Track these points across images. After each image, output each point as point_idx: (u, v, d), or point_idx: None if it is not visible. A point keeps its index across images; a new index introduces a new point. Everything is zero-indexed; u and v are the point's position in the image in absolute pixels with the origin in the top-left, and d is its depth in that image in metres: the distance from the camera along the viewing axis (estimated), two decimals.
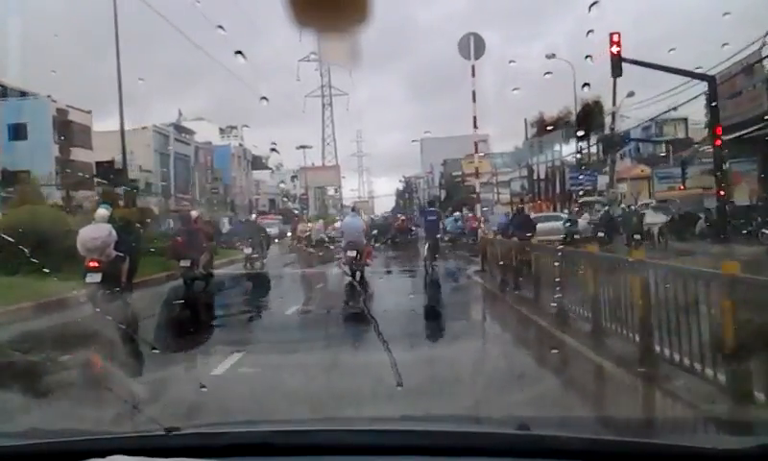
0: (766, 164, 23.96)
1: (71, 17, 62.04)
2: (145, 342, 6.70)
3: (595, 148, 37.97)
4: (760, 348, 4.37)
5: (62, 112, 35.37)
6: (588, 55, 18.35)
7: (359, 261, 14.33)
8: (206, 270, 14.28)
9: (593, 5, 8.90)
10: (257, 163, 59.03)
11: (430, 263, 16.43)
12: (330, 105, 64.47)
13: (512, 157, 43.75)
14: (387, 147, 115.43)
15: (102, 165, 33.35)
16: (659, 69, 22.10)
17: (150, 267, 14.54)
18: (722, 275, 4.79)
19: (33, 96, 35.30)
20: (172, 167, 45.51)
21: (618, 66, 21.17)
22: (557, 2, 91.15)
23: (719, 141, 21.47)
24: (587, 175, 34.04)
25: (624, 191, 33.71)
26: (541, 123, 39.25)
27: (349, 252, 14.41)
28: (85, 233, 10.52)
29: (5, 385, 5.54)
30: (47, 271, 8.82)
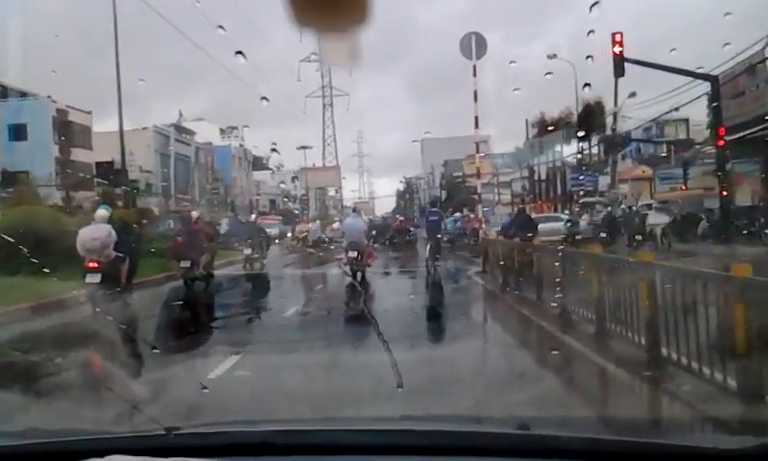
0: None
1: (71, 17, 62.06)
2: (145, 342, 6.69)
3: (596, 149, 37.96)
4: None
5: (62, 113, 35.35)
6: (590, 55, 18.26)
7: (360, 262, 14.34)
8: (207, 271, 14.30)
9: (594, 5, 8.90)
10: (258, 164, 58.95)
11: (432, 264, 16.43)
12: (331, 105, 64.52)
13: (512, 157, 43.70)
14: (387, 148, 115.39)
15: (102, 166, 33.34)
16: (661, 69, 22.01)
17: (150, 268, 14.53)
18: (735, 277, 4.71)
19: (33, 96, 35.26)
20: (172, 168, 45.45)
21: (621, 66, 21.15)
22: (557, 2, 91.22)
23: (722, 142, 21.41)
24: (588, 175, 33.99)
25: (625, 192, 33.67)
26: (542, 123, 39.18)
27: (351, 252, 14.43)
28: (85, 234, 10.53)
29: (4, 385, 5.54)
30: (47, 271, 8.80)
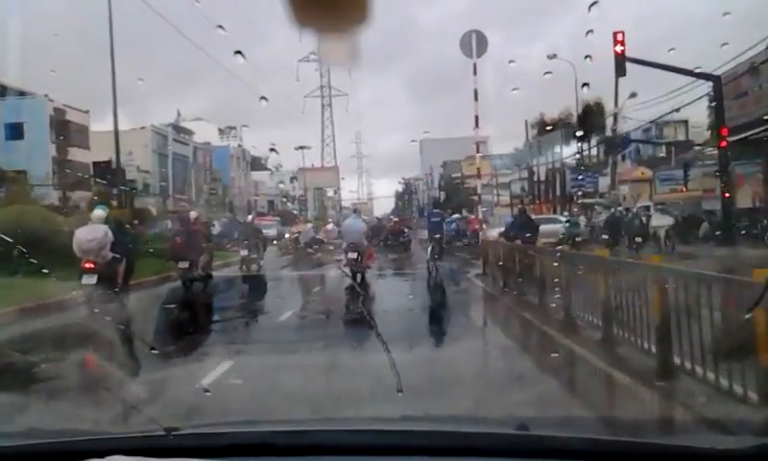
0: None
1: (70, 17, 62.03)
2: (143, 343, 6.67)
3: (596, 150, 37.97)
4: None
5: (60, 112, 35.26)
6: (588, 55, 18.04)
7: (360, 263, 14.32)
8: (205, 271, 14.27)
9: (593, 5, 8.88)
10: (256, 164, 58.89)
11: (434, 265, 16.38)
12: (330, 105, 64.51)
13: (512, 158, 43.71)
14: (386, 148, 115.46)
15: (99, 165, 33.23)
16: (663, 69, 21.79)
17: (148, 268, 14.50)
18: (756, 283, 4.42)
19: (30, 96, 35.13)
20: (170, 168, 45.43)
21: (622, 66, 20.99)
22: (557, 3, 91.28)
23: (724, 142, 21.19)
24: (588, 176, 33.92)
25: (625, 193, 33.64)
26: (542, 124, 39.15)
27: (350, 253, 14.39)
28: (81, 234, 10.48)
29: (3, 386, 5.53)
30: (45, 271, 8.77)
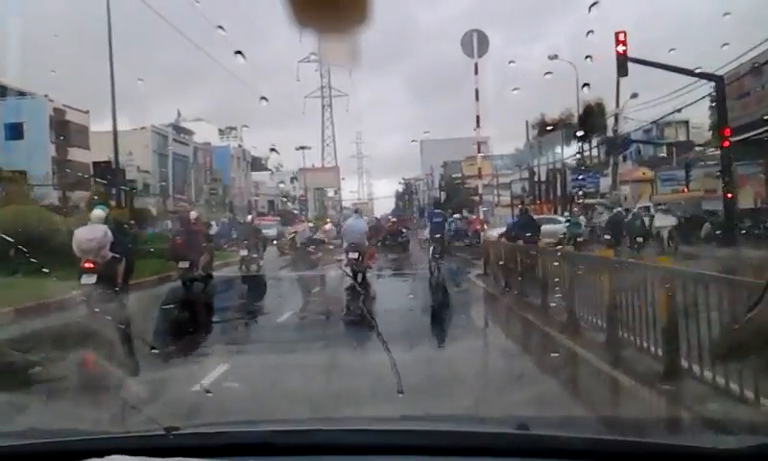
0: None
1: (70, 17, 62.07)
2: (143, 343, 6.66)
3: (596, 150, 37.91)
4: None
5: (59, 112, 35.25)
6: (588, 55, 17.99)
7: (361, 263, 14.31)
8: (206, 271, 14.26)
9: (593, 5, 8.89)
10: (257, 164, 58.91)
11: (436, 265, 16.35)
12: (330, 106, 64.68)
13: (512, 158, 43.65)
14: (387, 149, 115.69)
15: (99, 165, 33.21)
16: (665, 69, 21.72)
17: (149, 268, 14.49)
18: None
19: (30, 96, 35.12)
20: (170, 168, 45.44)
21: (624, 66, 20.95)
22: (558, 3, 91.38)
23: (727, 143, 21.06)
24: (589, 177, 33.86)
25: (626, 193, 33.60)
26: (543, 125, 39.10)
27: (351, 253, 14.39)
28: (81, 234, 10.49)
29: (3, 385, 5.53)
30: (45, 271, 8.78)
